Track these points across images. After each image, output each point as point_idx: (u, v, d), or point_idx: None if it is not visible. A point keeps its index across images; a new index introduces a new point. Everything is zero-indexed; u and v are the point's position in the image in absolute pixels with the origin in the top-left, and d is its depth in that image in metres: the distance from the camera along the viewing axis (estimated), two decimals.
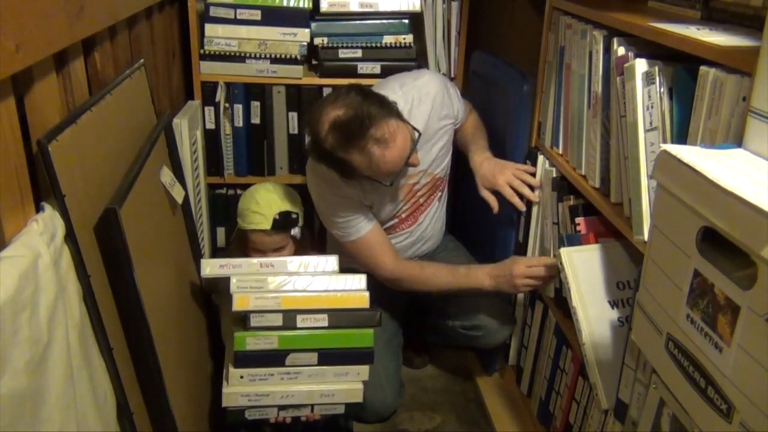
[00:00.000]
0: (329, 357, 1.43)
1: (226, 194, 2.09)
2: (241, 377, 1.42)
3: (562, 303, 1.46)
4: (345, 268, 1.61)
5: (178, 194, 1.43)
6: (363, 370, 1.46)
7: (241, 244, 1.69)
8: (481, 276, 1.60)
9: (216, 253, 2.12)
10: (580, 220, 1.34)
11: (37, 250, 0.81)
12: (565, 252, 1.28)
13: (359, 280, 1.44)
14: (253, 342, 1.39)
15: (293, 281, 1.42)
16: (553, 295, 1.50)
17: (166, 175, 1.38)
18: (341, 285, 1.43)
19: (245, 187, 1.75)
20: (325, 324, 1.42)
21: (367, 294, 1.43)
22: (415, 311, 1.91)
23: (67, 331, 0.85)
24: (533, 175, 1.60)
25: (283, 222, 1.61)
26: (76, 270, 0.92)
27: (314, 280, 1.43)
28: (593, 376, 1.20)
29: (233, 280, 1.40)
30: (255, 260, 1.46)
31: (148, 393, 1.15)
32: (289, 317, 1.40)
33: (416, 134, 1.50)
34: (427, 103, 1.64)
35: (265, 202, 1.62)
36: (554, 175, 1.47)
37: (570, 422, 1.42)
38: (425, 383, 1.91)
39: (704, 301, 0.77)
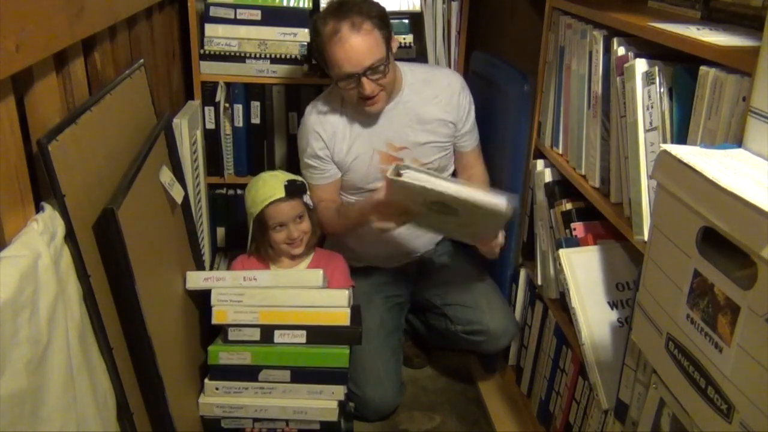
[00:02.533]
0: (303, 375, 1.44)
1: (226, 194, 2.09)
2: (216, 389, 1.44)
3: (562, 303, 1.46)
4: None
5: (177, 194, 1.43)
6: (338, 390, 1.46)
7: (263, 235, 1.62)
8: (353, 212, 1.64)
9: (216, 253, 2.12)
10: (576, 224, 1.34)
11: (37, 250, 0.81)
12: (564, 253, 1.28)
13: (342, 297, 1.44)
14: (226, 357, 1.42)
15: (275, 295, 1.42)
16: (555, 296, 1.49)
17: (166, 175, 1.38)
18: (323, 301, 1.43)
19: (245, 187, 1.74)
20: (303, 340, 1.43)
21: (348, 311, 1.43)
22: (417, 314, 1.92)
23: (67, 331, 0.85)
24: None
25: (293, 187, 1.59)
26: (76, 270, 0.92)
27: (296, 295, 1.43)
28: (593, 376, 1.20)
29: (213, 293, 1.41)
30: (239, 273, 1.46)
31: (148, 393, 1.15)
32: (267, 332, 1.42)
33: (391, 59, 1.57)
34: (436, 87, 1.70)
35: (271, 178, 1.63)
36: (547, 179, 1.46)
37: (570, 422, 1.42)
38: (425, 383, 1.91)
39: (704, 301, 0.77)
